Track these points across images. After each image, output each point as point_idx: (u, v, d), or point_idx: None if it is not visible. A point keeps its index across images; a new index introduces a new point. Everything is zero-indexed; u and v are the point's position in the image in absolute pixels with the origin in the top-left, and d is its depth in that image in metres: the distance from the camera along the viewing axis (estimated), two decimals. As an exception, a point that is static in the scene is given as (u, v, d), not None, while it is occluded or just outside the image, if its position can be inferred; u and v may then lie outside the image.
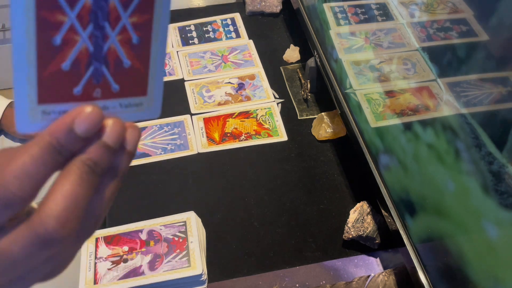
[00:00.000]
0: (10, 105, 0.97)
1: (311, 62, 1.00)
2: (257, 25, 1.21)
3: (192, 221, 0.76)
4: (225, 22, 1.20)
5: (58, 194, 0.25)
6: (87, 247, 0.74)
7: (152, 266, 0.71)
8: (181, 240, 0.74)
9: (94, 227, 0.29)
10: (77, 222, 0.26)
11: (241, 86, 1.04)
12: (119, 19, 0.26)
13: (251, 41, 1.15)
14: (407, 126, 0.64)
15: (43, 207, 0.25)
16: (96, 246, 0.74)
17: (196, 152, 0.93)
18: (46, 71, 0.25)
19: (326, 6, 0.86)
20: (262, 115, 0.99)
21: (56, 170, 0.26)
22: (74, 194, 0.25)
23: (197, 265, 0.71)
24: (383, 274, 0.74)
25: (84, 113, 0.26)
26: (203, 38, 1.16)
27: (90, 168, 0.26)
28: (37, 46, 0.25)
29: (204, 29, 1.18)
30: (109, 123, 0.27)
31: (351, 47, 0.81)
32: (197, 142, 0.94)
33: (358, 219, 0.77)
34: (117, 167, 0.28)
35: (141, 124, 0.97)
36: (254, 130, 0.96)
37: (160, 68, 0.29)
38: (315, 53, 0.97)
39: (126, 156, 0.28)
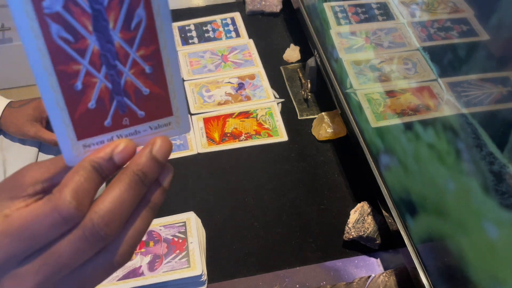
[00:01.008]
0: (9, 105, 0.97)
1: (311, 62, 1.00)
2: (257, 24, 1.20)
3: (192, 221, 0.76)
4: (225, 21, 1.20)
5: (107, 197, 0.30)
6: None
7: (152, 266, 0.71)
8: (180, 240, 0.74)
9: (129, 254, 0.32)
10: (120, 225, 0.30)
11: (241, 86, 1.04)
12: (128, 55, 0.30)
13: (251, 40, 1.14)
14: (408, 126, 0.64)
15: (93, 207, 0.29)
16: (96, 247, 0.74)
17: (196, 152, 0.93)
18: (76, 113, 0.30)
19: (326, 5, 0.86)
20: (262, 115, 0.99)
21: (98, 188, 0.31)
22: (121, 198, 0.30)
23: (197, 266, 0.71)
24: (384, 274, 0.74)
25: (119, 146, 0.31)
26: (203, 37, 1.15)
27: (139, 178, 0.31)
28: (63, 95, 0.29)
29: (204, 28, 1.18)
30: (158, 140, 0.31)
31: (352, 47, 0.81)
32: (197, 142, 0.94)
33: (359, 219, 0.77)
34: (152, 200, 0.33)
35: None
36: (254, 130, 0.96)
37: (179, 87, 0.32)
38: (315, 52, 0.97)
39: (160, 191, 0.33)
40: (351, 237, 0.77)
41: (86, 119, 0.30)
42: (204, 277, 0.72)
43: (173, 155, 0.92)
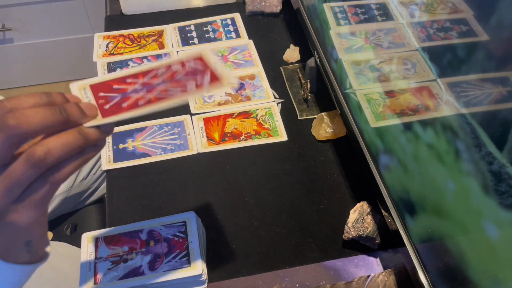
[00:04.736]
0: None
1: (311, 62, 1.00)
2: (257, 25, 1.21)
3: (192, 221, 0.76)
4: (225, 22, 1.20)
5: (53, 137, 0.41)
6: (87, 247, 0.74)
7: (152, 266, 0.71)
8: (181, 240, 0.74)
9: (63, 177, 0.43)
10: (58, 159, 0.41)
11: (241, 86, 1.04)
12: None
13: (251, 41, 1.15)
14: (407, 126, 0.64)
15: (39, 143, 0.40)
16: (96, 246, 0.74)
17: (196, 152, 0.93)
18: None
19: (326, 6, 0.86)
20: (262, 115, 0.99)
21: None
22: (66, 141, 0.41)
23: (197, 265, 0.71)
24: (383, 274, 0.74)
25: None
26: (203, 38, 1.16)
27: (78, 132, 0.43)
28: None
29: (204, 29, 1.18)
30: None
31: (351, 47, 0.81)
32: (197, 142, 0.94)
33: (358, 219, 0.77)
34: (87, 155, 0.45)
35: (141, 124, 0.97)
36: (254, 130, 0.96)
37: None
38: (315, 53, 0.97)
39: (95, 149, 0.46)
40: (350, 236, 0.77)
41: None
42: (204, 277, 0.72)
43: (173, 155, 0.92)
